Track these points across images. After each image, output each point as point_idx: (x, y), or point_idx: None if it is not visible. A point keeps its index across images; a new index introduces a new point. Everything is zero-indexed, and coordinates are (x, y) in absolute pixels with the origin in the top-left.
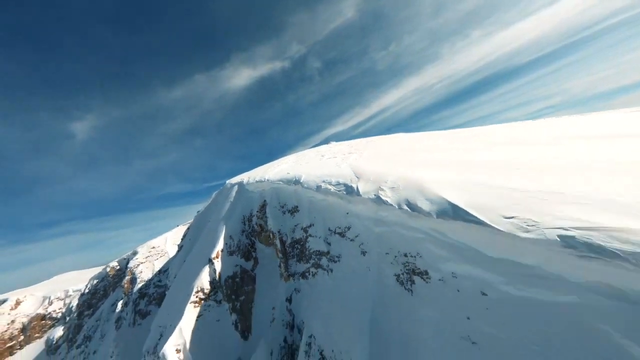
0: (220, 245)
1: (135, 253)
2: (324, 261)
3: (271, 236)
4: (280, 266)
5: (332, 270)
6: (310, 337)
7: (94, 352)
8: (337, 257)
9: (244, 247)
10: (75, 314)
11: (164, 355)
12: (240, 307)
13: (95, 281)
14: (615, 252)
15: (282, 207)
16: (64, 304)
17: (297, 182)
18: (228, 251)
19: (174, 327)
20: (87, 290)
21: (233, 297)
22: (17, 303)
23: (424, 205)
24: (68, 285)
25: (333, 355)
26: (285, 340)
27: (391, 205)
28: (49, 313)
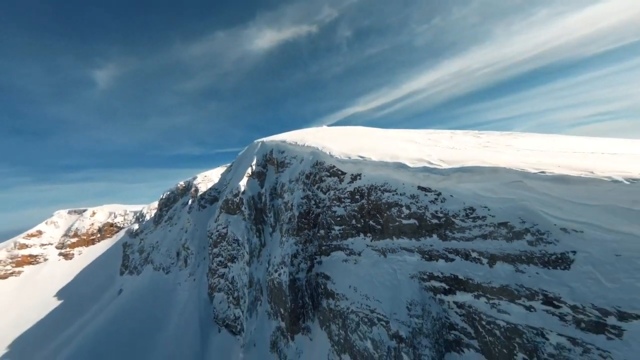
0: (253, 166)
1: (195, 178)
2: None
3: (276, 164)
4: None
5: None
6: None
7: (175, 224)
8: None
9: (260, 171)
10: (157, 210)
11: (240, 188)
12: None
13: (168, 192)
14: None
15: (281, 152)
16: (124, 219)
17: (287, 142)
18: (253, 172)
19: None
20: (164, 197)
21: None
22: (93, 213)
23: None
24: (120, 209)
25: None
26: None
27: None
28: (115, 223)
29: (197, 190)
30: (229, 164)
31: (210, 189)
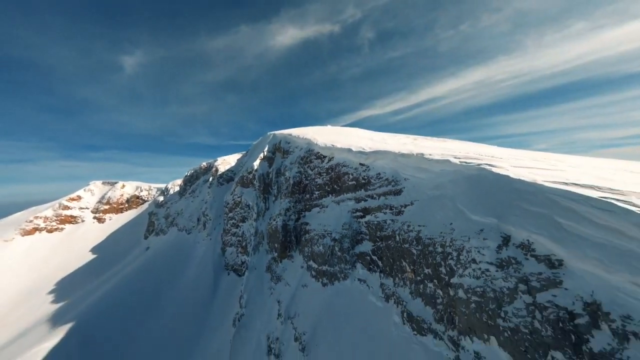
0: (265, 152)
1: (216, 160)
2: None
3: (282, 152)
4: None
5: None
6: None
7: (197, 197)
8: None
9: (270, 156)
10: (182, 184)
11: (254, 166)
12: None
13: (192, 170)
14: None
15: (287, 143)
16: (149, 193)
17: (296, 136)
18: (264, 156)
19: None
20: (188, 174)
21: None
22: (123, 186)
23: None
24: (145, 185)
25: None
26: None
27: None
28: (141, 196)
29: (217, 170)
30: (244, 152)
31: (228, 170)
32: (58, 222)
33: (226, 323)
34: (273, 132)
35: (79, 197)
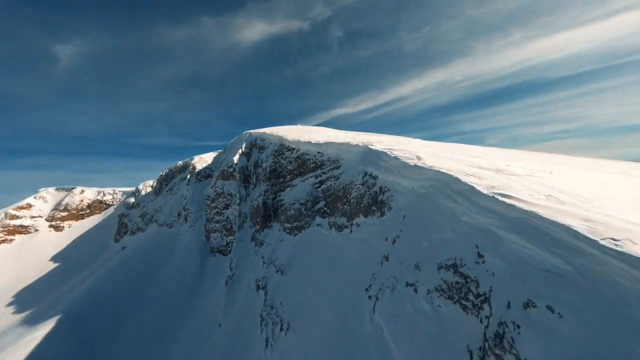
0: (242, 148)
1: (192, 158)
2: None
3: (258, 148)
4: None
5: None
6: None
7: (175, 194)
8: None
9: (247, 152)
10: (157, 184)
11: (234, 161)
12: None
13: (167, 170)
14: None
15: (262, 140)
16: (113, 197)
17: (267, 133)
18: (242, 152)
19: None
20: (163, 173)
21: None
22: (82, 191)
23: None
24: (108, 189)
25: None
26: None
27: None
28: (104, 200)
29: (194, 168)
30: (220, 150)
31: (205, 167)
32: (6, 233)
33: (217, 288)
34: (249, 131)
35: (29, 205)
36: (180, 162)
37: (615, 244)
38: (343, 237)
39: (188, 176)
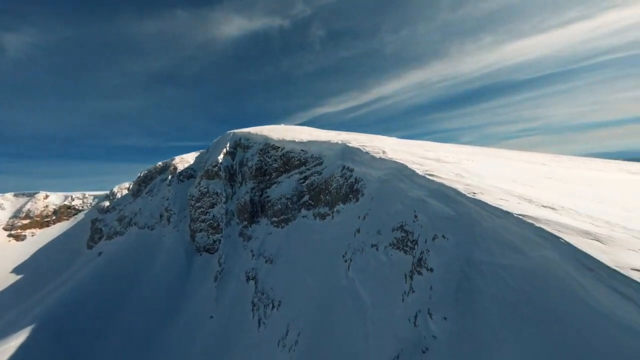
0: (227, 148)
1: (173, 159)
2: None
3: (242, 147)
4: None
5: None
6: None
7: (155, 195)
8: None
9: (232, 152)
10: (136, 185)
11: (218, 160)
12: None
13: (145, 171)
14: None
15: (247, 139)
16: (83, 202)
17: (250, 132)
18: (227, 152)
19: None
20: (142, 175)
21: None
22: (46, 196)
23: None
24: (77, 194)
25: None
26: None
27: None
28: (73, 205)
29: (175, 168)
30: (201, 150)
31: (187, 168)
32: None
33: (206, 284)
34: (233, 131)
35: None
36: (160, 163)
37: (474, 195)
38: (326, 223)
39: (169, 177)
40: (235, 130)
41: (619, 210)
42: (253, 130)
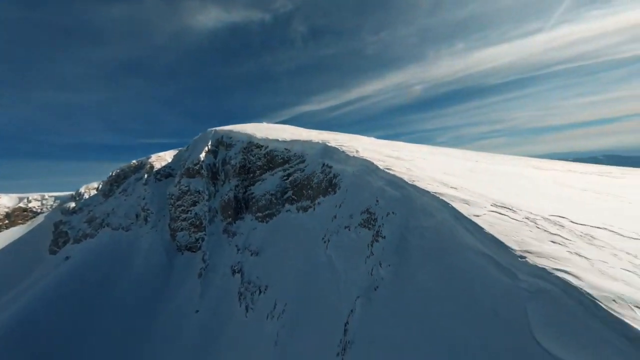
0: (209, 146)
1: (149, 157)
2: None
3: (225, 145)
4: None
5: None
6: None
7: (130, 194)
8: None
9: (214, 150)
10: (107, 185)
11: (200, 158)
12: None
13: (118, 170)
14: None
15: (229, 138)
16: (42, 204)
17: (229, 130)
18: (209, 150)
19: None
20: (114, 174)
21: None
22: None
23: None
24: (34, 195)
25: None
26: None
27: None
28: (30, 208)
29: (152, 167)
30: (180, 148)
31: (165, 166)
32: None
33: (190, 281)
34: (214, 129)
35: None
36: (135, 161)
37: (413, 182)
38: (308, 215)
39: (145, 176)
40: (217, 128)
41: (495, 189)
42: (235, 128)
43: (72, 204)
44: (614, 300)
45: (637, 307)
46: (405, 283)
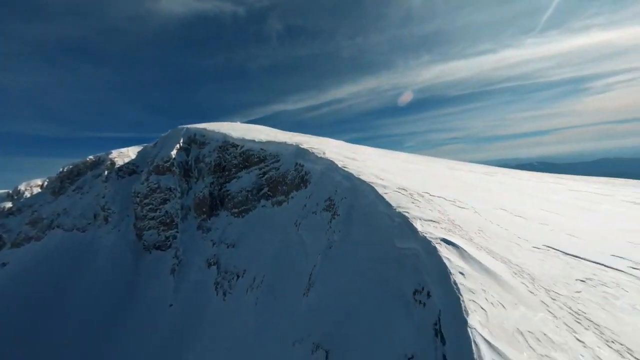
0: (180, 143)
1: (110, 153)
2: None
3: (198, 143)
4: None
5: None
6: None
7: (86, 192)
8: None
9: (186, 147)
10: (57, 182)
11: (171, 155)
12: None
13: (70, 166)
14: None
15: (202, 136)
16: None
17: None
18: (181, 147)
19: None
20: (65, 170)
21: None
22: None
23: None
24: None
25: None
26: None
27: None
28: None
29: (113, 163)
30: (145, 145)
31: (128, 163)
32: None
33: (161, 278)
34: (185, 126)
35: None
36: (91, 157)
37: (359, 176)
38: (282, 208)
39: (106, 172)
40: (189, 126)
41: (406, 180)
42: (209, 126)
43: (9, 204)
44: (419, 219)
45: (431, 221)
46: (347, 241)
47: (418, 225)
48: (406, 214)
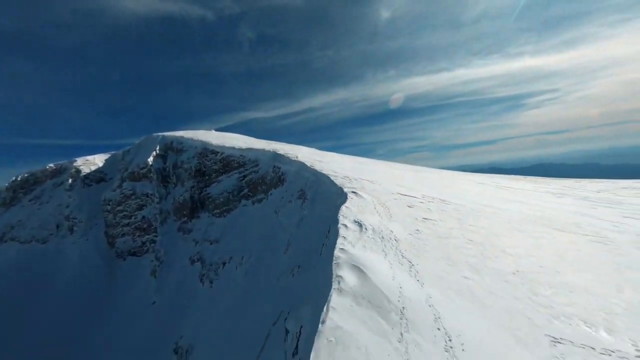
0: (157, 150)
1: (74, 160)
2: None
3: (175, 150)
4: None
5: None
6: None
7: (46, 202)
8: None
9: (162, 154)
10: (10, 192)
11: (148, 162)
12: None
13: (26, 174)
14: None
15: (180, 143)
16: None
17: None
18: (157, 154)
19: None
20: (19, 179)
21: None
22: None
23: None
24: None
25: None
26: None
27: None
28: None
29: (78, 171)
30: (112, 152)
31: (96, 171)
32: None
33: (141, 281)
34: (161, 134)
35: None
36: (52, 165)
37: (321, 170)
38: (262, 205)
39: (70, 181)
40: (165, 134)
41: (353, 172)
42: (186, 134)
43: None
44: (347, 187)
45: (352, 187)
46: (312, 214)
47: (345, 190)
48: (342, 187)
